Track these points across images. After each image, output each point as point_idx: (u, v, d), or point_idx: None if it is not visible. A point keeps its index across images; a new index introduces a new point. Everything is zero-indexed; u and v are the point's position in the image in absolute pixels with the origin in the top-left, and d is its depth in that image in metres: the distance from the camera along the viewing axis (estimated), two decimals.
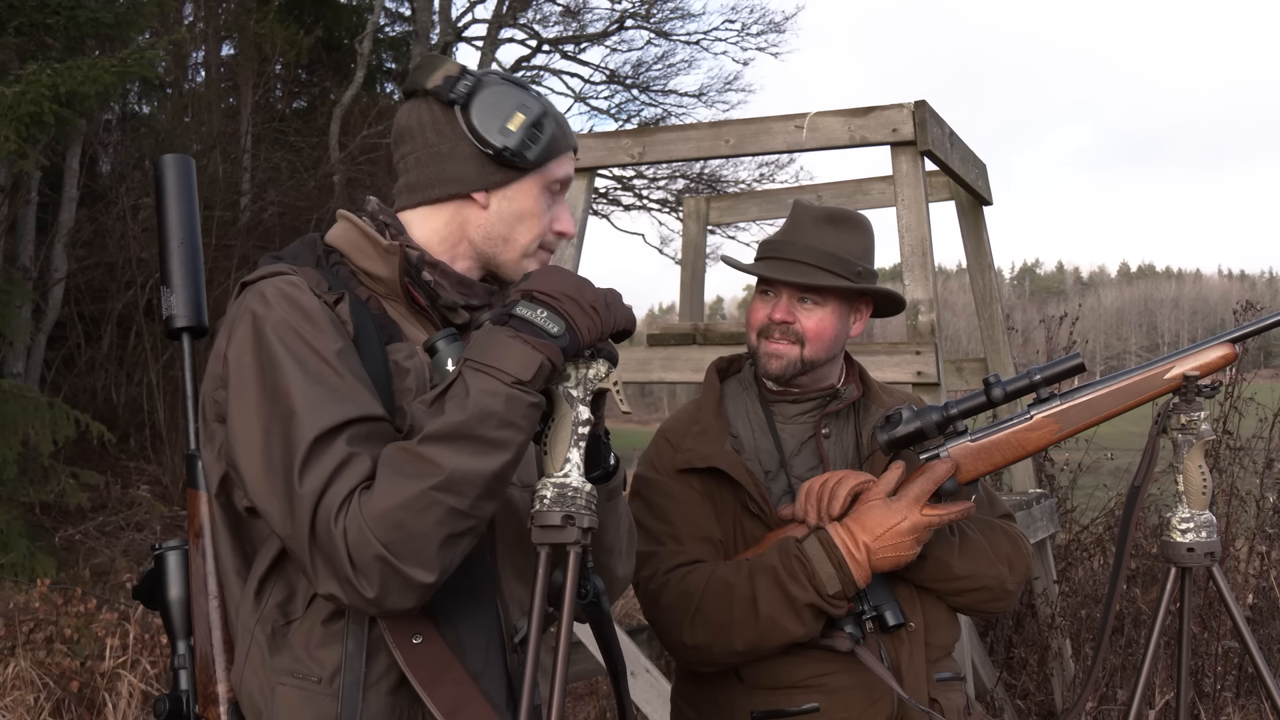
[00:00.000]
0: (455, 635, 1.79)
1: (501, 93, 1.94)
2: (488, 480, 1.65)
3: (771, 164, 22.56)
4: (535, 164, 1.96)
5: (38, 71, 8.85)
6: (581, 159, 5.66)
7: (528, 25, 23.11)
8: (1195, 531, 2.60)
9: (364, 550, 1.60)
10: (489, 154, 1.94)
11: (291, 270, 1.85)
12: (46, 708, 5.94)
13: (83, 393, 14.02)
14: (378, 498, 1.62)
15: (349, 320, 1.82)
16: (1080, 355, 2.52)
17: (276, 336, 1.74)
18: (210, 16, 17.82)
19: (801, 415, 2.67)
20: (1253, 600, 6.29)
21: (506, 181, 1.97)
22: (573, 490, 1.74)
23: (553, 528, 1.73)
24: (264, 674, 1.78)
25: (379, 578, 1.61)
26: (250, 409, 1.73)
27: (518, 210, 1.98)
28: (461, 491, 1.63)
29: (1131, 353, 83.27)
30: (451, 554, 1.66)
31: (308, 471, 1.65)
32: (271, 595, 1.81)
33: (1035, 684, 6.26)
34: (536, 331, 1.70)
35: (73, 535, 10.53)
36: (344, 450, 1.66)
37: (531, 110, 1.95)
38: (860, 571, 2.36)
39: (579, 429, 1.77)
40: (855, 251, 2.62)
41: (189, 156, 2.12)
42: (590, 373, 1.78)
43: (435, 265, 1.95)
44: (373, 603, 1.63)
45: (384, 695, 1.77)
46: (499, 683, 1.81)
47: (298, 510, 1.64)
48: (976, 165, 6.12)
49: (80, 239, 14.17)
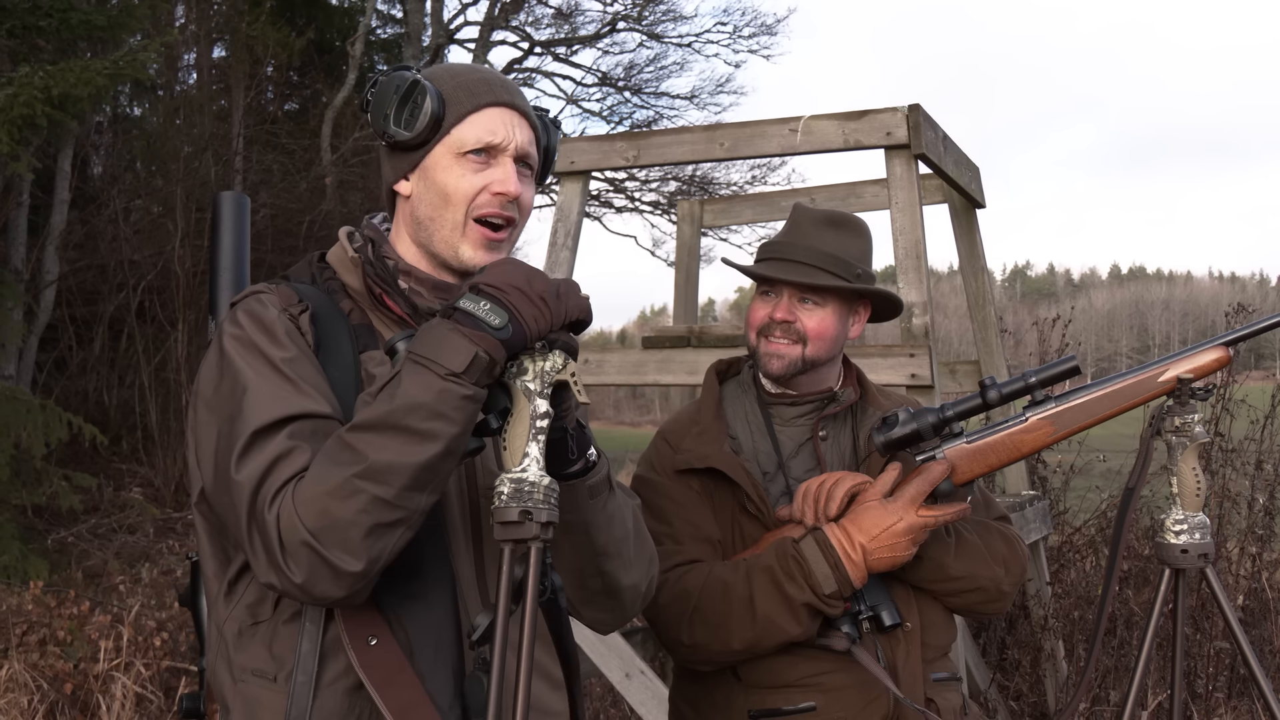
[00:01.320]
0: (405, 636, 1.79)
1: (385, 84, 1.96)
2: (414, 471, 1.64)
3: (764, 167, 22.61)
4: (427, 136, 1.95)
5: (30, 74, 8.85)
6: (576, 162, 5.67)
7: (520, 27, 23.13)
8: (1189, 533, 2.61)
9: (292, 535, 1.63)
10: (389, 145, 1.98)
11: (267, 288, 1.91)
12: (40, 710, 5.93)
13: (74, 395, 14.01)
14: (307, 483, 1.65)
15: (308, 331, 1.86)
16: (1075, 358, 2.53)
17: (233, 348, 1.81)
18: (202, 18, 17.78)
19: (799, 417, 2.69)
20: (1245, 602, 6.31)
21: (414, 164, 1.97)
22: (529, 485, 1.70)
23: (511, 524, 1.69)
24: (229, 670, 1.83)
25: (306, 563, 1.63)
26: (205, 414, 1.79)
27: (433, 185, 1.96)
28: (385, 480, 1.63)
29: (1123, 355, 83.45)
30: (380, 544, 1.65)
31: (245, 461, 1.68)
32: (243, 597, 1.85)
33: (1028, 685, 6.28)
34: (476, 324, 1.67)
35: (65, 538, 10.51)
36: (285, 443, 1.69)
37: (403, 87, 1.94)
38: (856, 572, 2.38)
39: (537, 422, 1.73)
40: (855, 254, 2.64)
41: (245, 195, 2.21)
42: (547, 365, 1.76)
43: (409, 272, 1.97)
44: (302, 589, 1.65)
45: (341, 694, 1.79)
46: (445, 683, 1.81)
47: (236, 498, 1.68)
48: (970, 168, 6.14)
49: (72, 241, 14.15)
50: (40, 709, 5.93)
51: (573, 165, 5.67)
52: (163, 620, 7.16)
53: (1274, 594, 6.23)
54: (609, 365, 5.46)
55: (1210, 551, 2.62)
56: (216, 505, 1.76)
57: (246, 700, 1.80)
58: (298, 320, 1.86)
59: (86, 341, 14.62)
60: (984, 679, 5.96)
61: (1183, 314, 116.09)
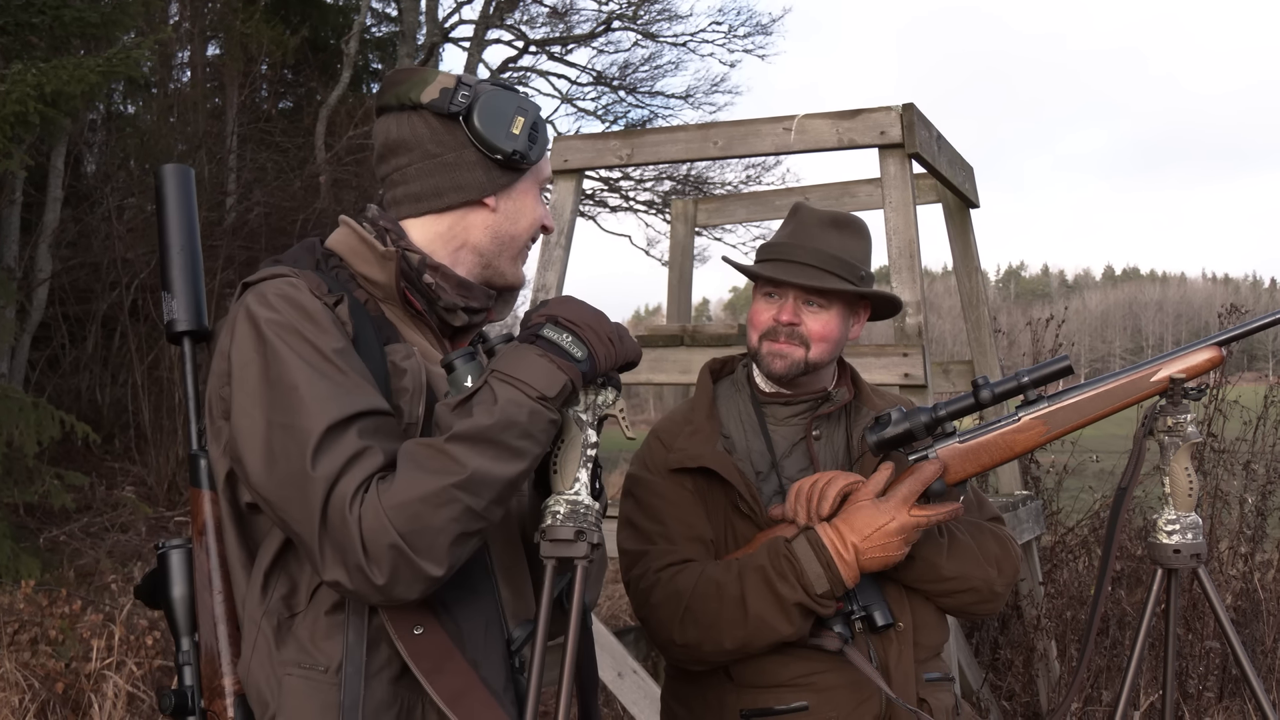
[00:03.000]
0: (455, 625, 1.84)
1: (500, 99, 2.01)
2: (503, 486, 1.73)
3: (759, 166, 22.58)
4: (534, 163, 2.06)
5: (23, 71, 8.82)
6: (570, 160, 5.67)
7: (514, 26, 23.09)
8: (1181, 533, 2.61)
9: (379, 538, 1.65)
10: (496, 159, 2.00)
11: (292, 273, 1.89)
12: (31, 709, 5.92)
13: (67, 393, 13.96)
14: (398, 489, 1.67)
15: (349, 321, 1.87)
16: (1068, 358, 2.53)
17: (277, 335, 1.78)
18: (196, 16, 17.76)
19: (793, 417, 2.68)
20: (1237, 602, 6.31)
21: (511, 183, 2.05)
22: (584, 507, 1.84)
23: (564, 541, 1.82)
24: (271, 666, 1.82)
25: (390, 566, 1.66)
26: (254, 402, 1.77)
27: (520, 209, 2.07)
28: (479, 492, 1.70)
29: (1116, 355, 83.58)
30: (460, 552, 1.72)
31: (320, 457, 1.69)
32: (276, 589, 1.85)
33: (1021, 685, 6.29)
34: (562, 353, 1.80)
35: (57, 536, 10.48)
36: (356, 442, 1.72)
37: (530, 113, 2.03)
38: (848, 571, 2.38)
39: (587, 451, 1.87)
40: (858, 255, 2.64)
41: (189, 167, 2.17)
42: (600, 399, 1.89)
43: (436, 269, 2.01)
44: (380, 590, 1.68)
45: (386, 684, 1.82)
46: (498, 670, 1.86)
47: (309, 495, 1.68)
48: (964, 168, 6.14)
49: (65, 239, 14.11)
50: (31, 708, 5.92)
51: (566, 164, 5.67)
52: (155, 619, 7.14)
53: (1266, 594, 6.24)
54: None
55: (1203, 551, 2.62)
56: (273, 499, 1.74)
57: (294, 695, 1.80)
58: (335, 310, 1.87)
59: (79, 340, 14.58)
60: (977, 679, 5.96)
61: (1176, 315, 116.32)
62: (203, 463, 1.92)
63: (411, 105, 2.01)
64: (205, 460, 1.92)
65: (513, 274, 2.11)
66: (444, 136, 2.01)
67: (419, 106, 2.01)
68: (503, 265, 2.08)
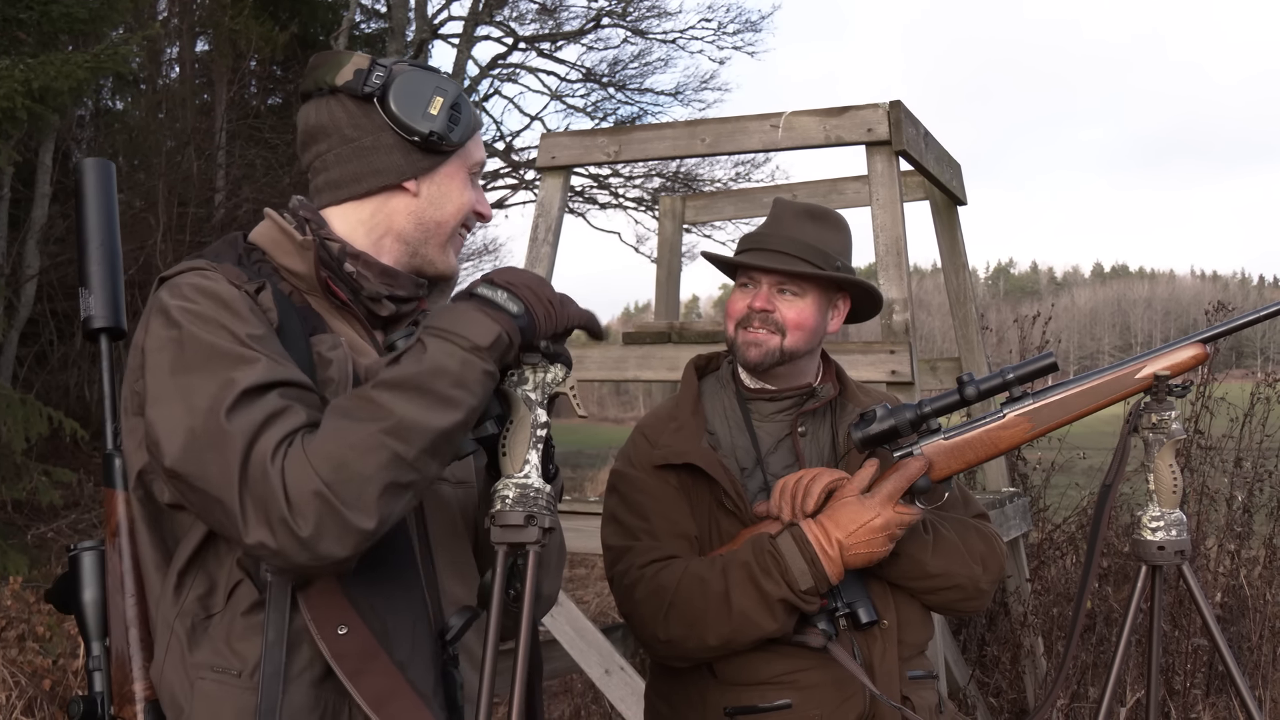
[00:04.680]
0: (380, 625, 1.77)
1: (417, 78, 1.95)
2: (435, 435, 1.65)
3: (748, 163, 22.60)
4: (458, 145, 1.98)
5: (10, 67, 8.80)
6: (557, 157, 5.66)
7: (504, 23, 23.10)
8: (1166, 530, 2.61)
9: (303, 485, 1.58)
10: (414, 141, 1.94)
11: (209, 265, 1.84)
12: (19, 706, 5.90)
13: (55, 390, 13.97)
14: (322, 438, 1.61)
15: (272, 308, 1.82)
16: (1053, 354, 2.53)
17: (191, 322, 1.72)
18: (185, 12, 17.74)
19: (778, 413, 2.68)
20: (1225, 599, 6.33)
21: (434, 167, 1.98)
22: (534, 491, 1.76)
23: (514, 527, 1.74)
24: (184, 669, 1.76)
25: (315, 516, 1.58)
26: (167, 386, 1.70)
27: (445, 193, 2.00)
28: (408, 439, 1.62)
29: (1105, 352, 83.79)
30: (391, 506, 1.64)
31: (237, 413, 1.62)
32: (191, 589, 1.79)
33: (1008, 682, 6.30)
34: (496, 307, 1.73)
35: (45, 533, 10.48)
36: (278, 402, 1.66)
37: (449, 93, 1.95)
38: (833, 568, 2.38)
39: (537, 431, 1.79)
40: (835, 247, 2.64)
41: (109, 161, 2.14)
42: (548, 377, 1.81)
43: (357, 256, 1.95)
44: (305, 545, 1.59)
45: (308, 688, 1.75)
46: (426, 671, 1.80)
47: (227, 452, 1.61)
48: (951, 165, 6.14)
49: (53, 235, 14.10)
50: (18, 705, 5.91)
51: (554, 160, 5.67)
52: None
53: (1252, 591, 6.25)
54: (590, 361, 5.46)
55: (1187, 548, 2.62)
56: (189, 471, 1.64)
57: (208, 699, 1.73)
58: (257, 298, 1.81)
59: (67, 336, 14.58)
60: (963, 676, 5.97)
61: (1165, 312, 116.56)
62: (117, 462, 1.87)
63: (329, 89, 1.96)
64: (120, 460, 1.86)
65: (442, 262, 2.03)
66: (360, 120, 1.95)
67: (335, 90, 1.95)
68: (430, 253, 2.01)
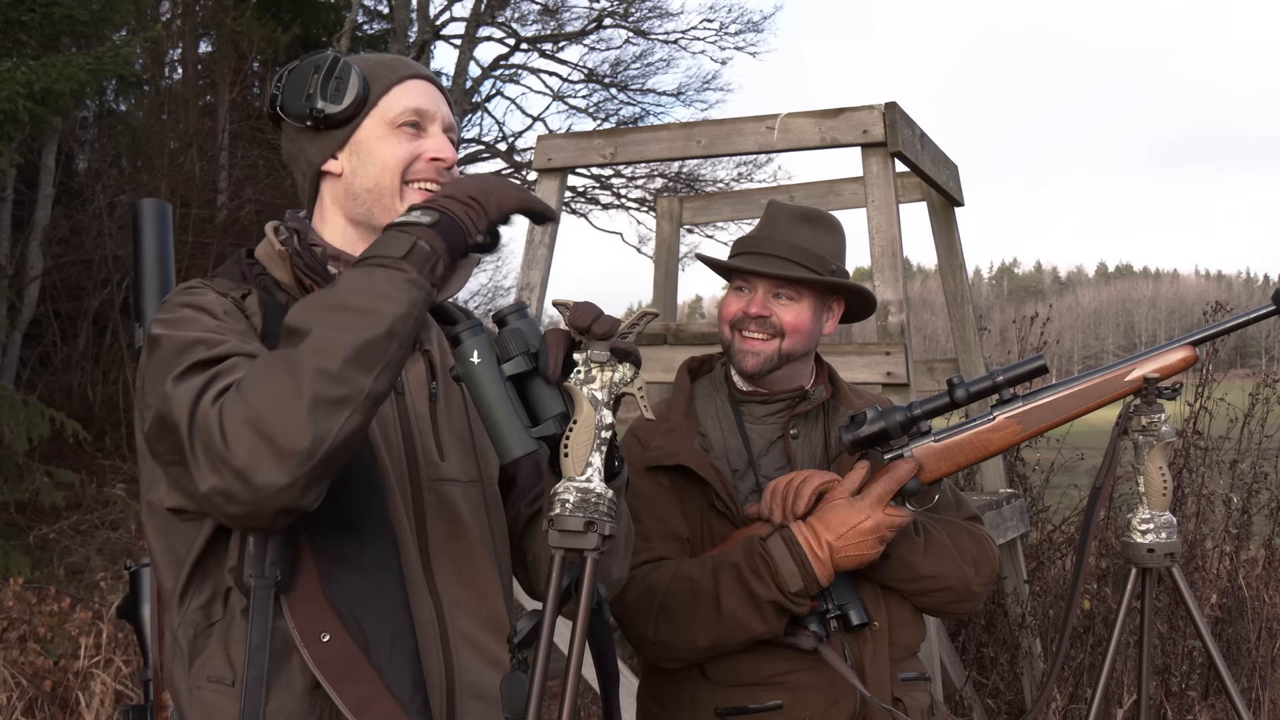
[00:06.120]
0: (360, 631, 1.78)
1: (297, 71, 1.96)
2: (357, 347, 1.60)
3: (749, 164, 22.59)
4: (356, 109, 1.95)
5: (12, 69, 8.82)
6: (553, 159, 5.67)
7: (506, 24, 23.10)
8: (1155, 532, 2.63)
9: (234, 416, 1.58)
10: (308, 126, 1.96)
11: (199, 283, 1.88)
12: (19, 707, 5.92)
13: (58, 391, 13.96)
14: (251, 373, 1.62)
15: (257, 312, 1.85)
16: (1043, 357, 2.54)
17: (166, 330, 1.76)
18: (187, 14, 17.75)
19: (771, 415, 2.69)
20: (1222, 600, 6.32)
21: (343, 140, 1.97)
22: (596, 496, 1.70)
23: (573, 533, 1.68)
24: (186, 679, 1.79)
25: (249, 444, 1.57)
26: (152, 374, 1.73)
27: (367, 156, 1.97)
28: (327, 353, 1.59)
29: (1109, 352, 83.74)
30: (326, 423, 1.58)
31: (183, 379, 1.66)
32: (194, 598, 1.81)
33: (1005, 683, 6.30)
34: (409, 224, 1.70)
35: (47, 534, 10.48)
36: (225, 364, 1.67)
37: (324, 65, 1.94)
38: (823, 570, 2.39)
39: (601, 433, 1.72)
40: (829, 250, 2.65)
41: (165, 202, 2.20)
42: (616, 376, 1.74)
43: (337, 257, 1.97)
44: (243, 475, 1.57)
45: (300, 695, 1.77)
46: (403, 675, 1.80)
47: (176, 412, 1.63)
48: (948, 166, 6.15)
49: (56, 236, 14.10)
50: (19, 706, 5.92)
51: (550, 162, 5.68)
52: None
53: (1250, 593, 6.25)
54: None
55: (1177, 551, 2.64)
56: (159, 444, 1.69)
57: (203, 708, 1.77)
58: (242, 303, 1.85)
59: (71, 337, 14.57)
60: (960, 677, 5.97)
61: (1169, 312, 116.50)
62: None
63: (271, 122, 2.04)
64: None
65: None
66: (285, 135, 2.02)
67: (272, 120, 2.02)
68: (383, 218, 1.94)
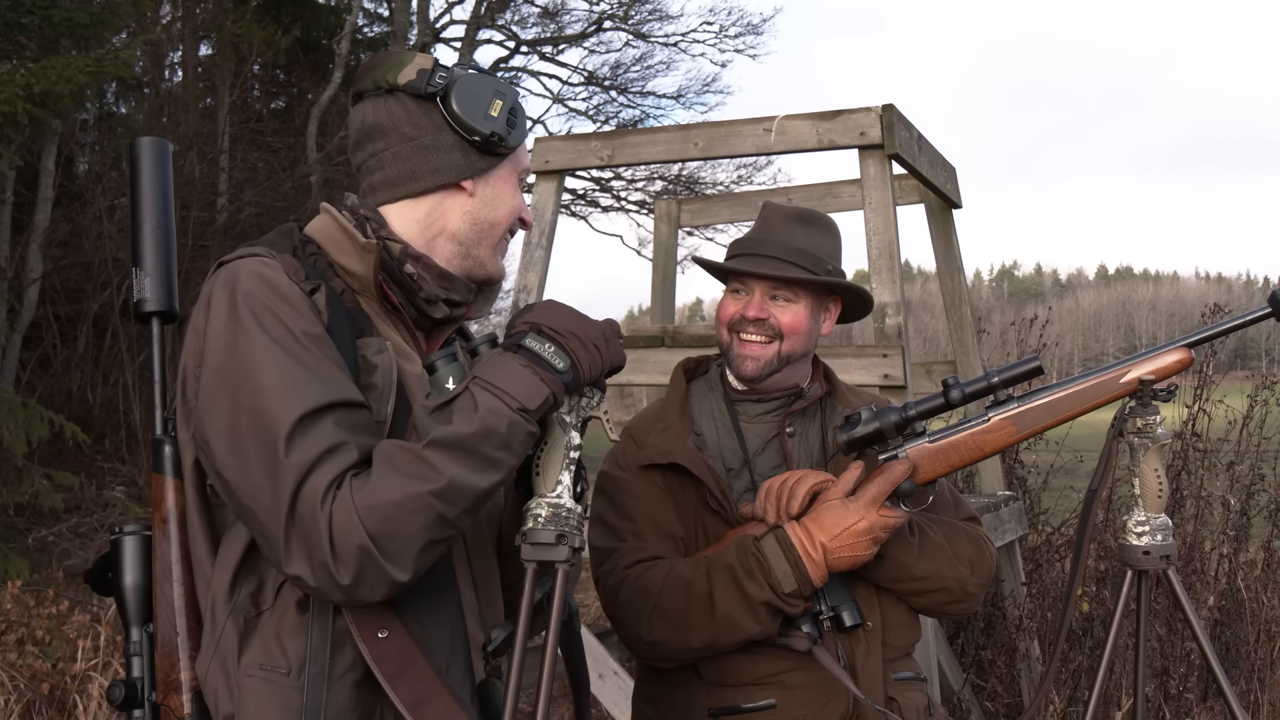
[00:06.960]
0: (420, 631, 1.79)
1: (479, 81, 1.98)
2: (477, 496, 1.70)
3: (749, 166, 22.63)
4: (514, 148, 2.02)
5: (11, 71, 8.81)
6: (550, 161, 5.68)
7: (506, 26, 23.13)
8: (1150, 535, 2.62)
9: (349, 538, 1.62)
10: (474, 141, 1.97)
11: (268, 253, 1.84)
12: (17, 710, 5.90)
13: (58, 393, 13.98)
14: (373, 490, 1.64)
15: (324, 310, 1.83)
16: (1038, 358, 2.53)
17: (251, 313, 1.74)
18: (187, 16, 17.74)
19: (766, 414, 2.69)
20: (1221, 602, 6.31)
21: (490, 168, 2.02)
22: (566, 511, 1.82)
23: (545, 545, 1.80)
24: (233, 666, 1.77)
25: (357, 567, 1.63)
26: (222, 382, 1.72)
27: (499, 195, 2.04)
28: (454, 501, 1.67)
29: (1109, 354, 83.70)
30: (427, 558, 1.70)
31: (294, 446, 1.65)
32: (244, 586, 1.80)
33: (1004, 685, 6.29)
34: (545, 365, 1.77)
35: (46, 536, 10.48)
36: (333, 434, 1.68)
37: (508, 97, 2.00)
38: (816, 571, 2.38)
39: (570, 453, 1.84)
40: (825, 250, 2.65)
41: (165, 140, 2.09)
42: (584, 401, 1.87)
43: (419, 258, 1.97)
44: (343, 590, 1.65)
45: (349, 689, 1.77)
46: (463, 678, 1.82)
47: (280, 484, 1.64)
48: (945, 169, 6.15)
49: (56, 239, 14.10)
50: (17, 709, 5.91)
51: (548, 165, 5.68)
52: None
53: (1249, 594, 6.25)
54: None
55: (1172, 553, 2.63)
56: (239, 485, 1.69)
57: (255, 697, 1.74)
58: (312, 297, 1.82)
59: (70, 339, 14.58)
60: (958, 679, 5.97)
61: (1169, 314, 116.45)
62: (167, 449, 1.86)
63: (388, 88, 1.99)
64: (170, 446, 1.86)
65: (492, 265, 2.06)
66: (420, 119, 1.98)
67: (395, 89, 1.98)
68: (482, 254, 2.03)
